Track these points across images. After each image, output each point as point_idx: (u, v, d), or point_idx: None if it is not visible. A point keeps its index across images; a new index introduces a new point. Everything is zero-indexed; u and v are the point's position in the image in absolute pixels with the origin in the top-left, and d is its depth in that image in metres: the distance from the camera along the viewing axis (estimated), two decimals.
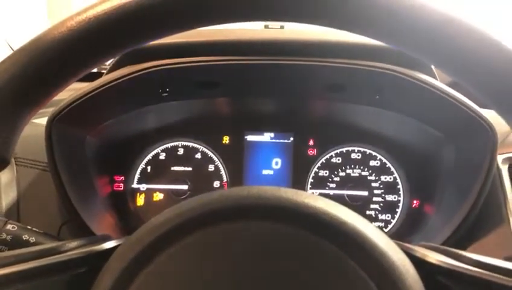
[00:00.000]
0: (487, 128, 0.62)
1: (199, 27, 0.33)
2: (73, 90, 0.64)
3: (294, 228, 0.32)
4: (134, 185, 0.85)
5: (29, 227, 0.56)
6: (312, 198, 0.33)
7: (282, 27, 0.74)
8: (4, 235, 0.53)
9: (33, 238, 0.54)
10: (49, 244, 0.39)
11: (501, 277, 0.32)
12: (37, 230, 0.56)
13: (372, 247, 0.32)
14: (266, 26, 0.89)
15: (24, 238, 0.54)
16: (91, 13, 0.31)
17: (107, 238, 0.42)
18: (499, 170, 0.67)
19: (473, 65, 0.30)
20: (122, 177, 0.85)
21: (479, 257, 0.35)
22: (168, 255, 0.32)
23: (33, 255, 0.36)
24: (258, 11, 0.33)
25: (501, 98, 0.31)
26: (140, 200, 0.85)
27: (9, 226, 0.54)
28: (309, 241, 0.32)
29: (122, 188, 0.84)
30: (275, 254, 0.32)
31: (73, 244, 0.40)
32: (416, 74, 0.64)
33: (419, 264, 0.35)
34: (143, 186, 0.85)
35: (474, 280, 0.33)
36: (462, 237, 0.65)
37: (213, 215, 0.33)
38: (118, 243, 0.40)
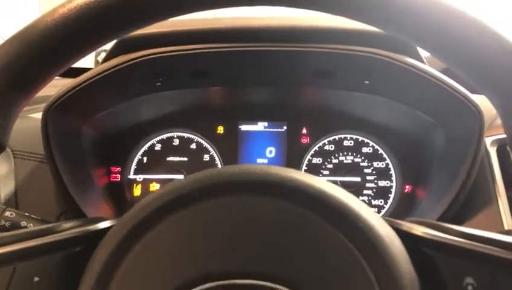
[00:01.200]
0: (475, 112, 0.64)
1: (195, 12, 0.35)
2: (61, 86, 0.66)
3: (282, 202, 0.34)
4: (131, 176, 0.87)
5: (27, 214, 0.57)
6: (299, 174, 0.35)
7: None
8: (3, 222, 0.55)
9: (31, 224, 0.56)
10: (46, 225, 0.40)
11: (481, 245, 0.33)
12: (35, 217, 0.57)
13: (357, 219, 0.33)
14: None
15: (22, 225, 0.56)
16: (82, 1, 0.32)
17: (101, 220, 0.44)
18: (487, 151, 0.68)
19: (459, 48, 0.32)
20: (118, 168, 0.86)
21: (462, 228, 0.36)
22: (159, 230, 0.34)
23: (31, 234, 0.37)
24: None
25: (487, 80, 0.33)
26: (137, 191, 0.86)
27: (7, 213, 0.55)
28: (297, 213, 0.33)
29: (119, 179, 0.86)
30: (263, 226, 0.34)
31: (69, 224, 0.41)
32: (404, 58, 0.65)
33: (405, 236, 0.36)
34: (140, 177, 0.87)
35: (457, 249, 0.34)
36: (453, 217, 0.67)
37: (203, 191, 0.34)
38: (112, 224, 0.41)
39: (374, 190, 0.85)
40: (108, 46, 0.64)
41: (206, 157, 0.88)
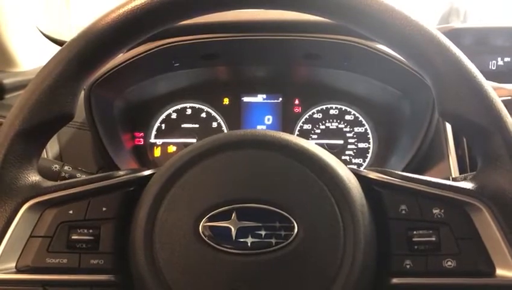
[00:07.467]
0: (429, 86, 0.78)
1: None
2: None
3: (274, 154, 0.46)
4: (152, 140, 0.99)
5: (79, 168, 0.70)
6: (287, 135, 0.48)
7: None
8: (63, 174, 0.68)
9: (84, 176, 0.68)
10: (106, 173, 0.51)
11: (412, 183, 0.47)
12: (86, 170, 0.71)
13: (326, 165, 0.46)
14: None
15: (78, 176, 0.68)
16: (127, 8, 0.44)
17: (143, 170, 0.54)
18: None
19: (400, 40, 0.46)
20: (142, 134, 0.99)
21: (402, 173, 0.49)
22: (189, 175, 0.46)
23: (98, 178, 0.48)
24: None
25: (422, 67, 0.47)
26: (157, 152, 0.99)
27: (66, 167, 0.68)
28: (284, 161, 0.46)
29: (142, 142, 0.99)
30: (262, 170, 0.46)
31: (123, 172, 0.51)
32: (373, 44, 0.79)
33: (362, 178, 0.48)
34: (159, 141, 0.99)
35: (396, 186, 0.47)
36: (413, 170, 0.81)
37: (220, 146, 0.47)
38: (154, 171, 0.51)
39: (355, 151, 0.98)
40: None
41: (214, 124, 1.00)
